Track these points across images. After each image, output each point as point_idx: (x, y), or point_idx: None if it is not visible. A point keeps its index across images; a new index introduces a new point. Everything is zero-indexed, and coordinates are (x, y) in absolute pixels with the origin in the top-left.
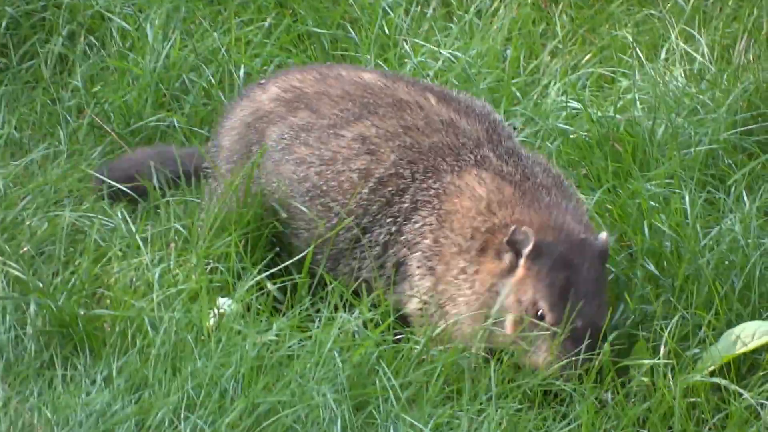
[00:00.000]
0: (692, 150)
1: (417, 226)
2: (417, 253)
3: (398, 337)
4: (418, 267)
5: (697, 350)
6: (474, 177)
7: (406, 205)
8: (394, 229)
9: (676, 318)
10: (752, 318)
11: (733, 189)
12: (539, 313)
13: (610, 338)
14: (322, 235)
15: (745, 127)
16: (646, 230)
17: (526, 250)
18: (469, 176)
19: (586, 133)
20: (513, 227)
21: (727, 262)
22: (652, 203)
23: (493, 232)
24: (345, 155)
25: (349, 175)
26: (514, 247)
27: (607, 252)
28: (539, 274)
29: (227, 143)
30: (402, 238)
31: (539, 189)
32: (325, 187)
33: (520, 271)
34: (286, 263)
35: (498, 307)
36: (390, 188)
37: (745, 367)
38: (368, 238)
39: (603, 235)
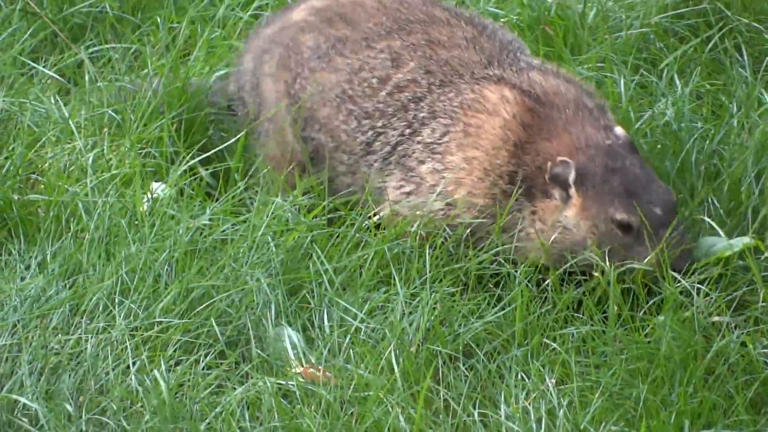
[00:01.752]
0: (623, 34)
1: (438, 133)
2: (438, 164)
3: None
4: (440, 184)
5: None
6: (498, 98)
7: (423, 114)
8: (408, 131)
9: None
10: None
11: (665, 73)
12: (621, 223)
13: None
14: (344, 142)
15: (677, 11)
16: None
17: (571, 179)
18: (492, 95)
19: (517, 17)
20: (549, 165)
21: (660, 146)
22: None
23: (532, 178)
24: (371, 65)
25: (371, 81)
26: (558, 180)
27: (632, 141)
28: (596, 192)
29: (250, 64)
30: (417, 137)
31: (554, 108)
32: (350, 93)
33: (576, 200)
34: (219, 148)
35: (573, 242)
36: (406, 94)
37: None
38: (381, 141)
39: (619, 129)
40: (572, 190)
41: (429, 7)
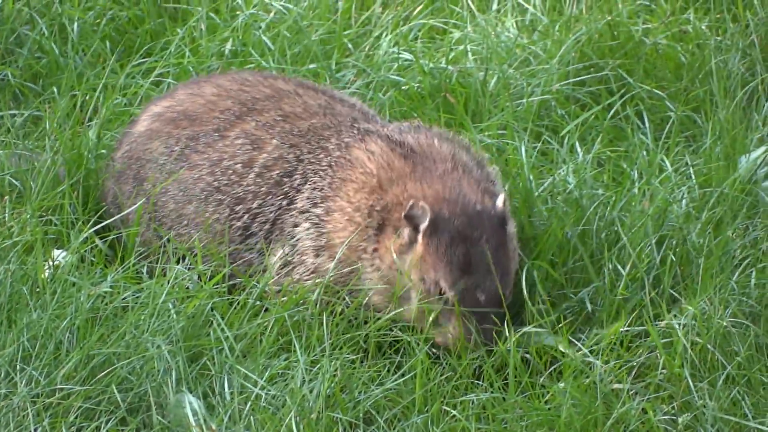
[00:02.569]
0: (525, 101)
1: (307, 193)
2: (306, 223)
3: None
4: (309, 239)
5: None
6: (363, 151)
7: (297, 182)
8: (285, 203)
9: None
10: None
11: (566, 140)
12: (441, 291)
13: None
14: (219, 232)
15: (578, 78)
16: None
17: (423, 226)
18: (358, 150)
19: (418, 85)
20: (410, 202)
21: (561, 213)
22: (486, 154)
23: (388, 210)
24: (230, 153)
25: (234, 167)
26: (412, 222)
27: (505, 216)
28: (438, 251)
29: (112, 190)
30: (293, 206)
31: (430, 160)
32: (216, 184)
33: (419, 247)
34: (118, 216)
35: (401, 284)
36: (277, 171)
37: (580, 320)
38: (258, 221)
39: (500, 199)
40: (420, 237)
41: (272, 81)
